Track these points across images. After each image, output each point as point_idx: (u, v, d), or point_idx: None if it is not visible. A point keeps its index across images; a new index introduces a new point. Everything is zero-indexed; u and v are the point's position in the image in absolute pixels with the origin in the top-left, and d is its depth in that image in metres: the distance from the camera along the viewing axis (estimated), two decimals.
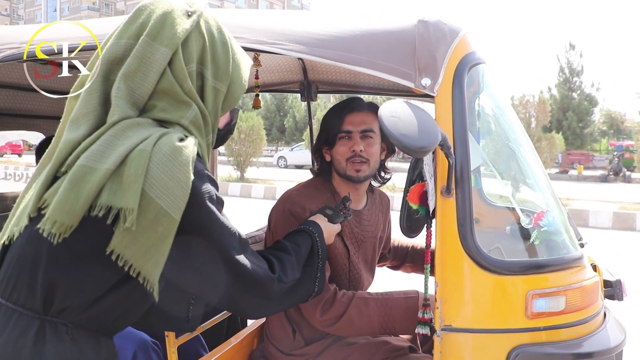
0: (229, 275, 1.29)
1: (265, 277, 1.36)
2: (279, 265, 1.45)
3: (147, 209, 1.11)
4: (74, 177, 1.13)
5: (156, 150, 1.14)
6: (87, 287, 1.18)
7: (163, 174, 1.13)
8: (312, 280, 1.59)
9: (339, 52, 1.59)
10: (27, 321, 1.18)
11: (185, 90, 1.26)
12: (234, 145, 18.12)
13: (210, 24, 1.33)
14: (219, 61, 1.32)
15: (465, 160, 1.55)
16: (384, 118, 1.36)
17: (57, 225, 1.11)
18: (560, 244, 1.82)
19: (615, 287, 1.97)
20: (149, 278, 1.15)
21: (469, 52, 1.61)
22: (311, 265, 1.60)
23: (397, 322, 1.87)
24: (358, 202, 2.14)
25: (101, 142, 1.16)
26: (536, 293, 1.56)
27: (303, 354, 2.04)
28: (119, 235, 1.12)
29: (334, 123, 2.04)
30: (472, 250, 1.54)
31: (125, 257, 1.13)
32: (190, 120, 1.27)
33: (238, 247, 1.30)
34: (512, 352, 1.54)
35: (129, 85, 1.22)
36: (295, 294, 1.54)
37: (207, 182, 1.24)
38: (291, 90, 3.05)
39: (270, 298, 1.41)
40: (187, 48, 1.27)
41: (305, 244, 1.61)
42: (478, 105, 1.93)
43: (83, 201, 1.11)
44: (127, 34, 1.27)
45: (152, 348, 2.17)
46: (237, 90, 1.37)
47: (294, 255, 1.53)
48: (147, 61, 1.23)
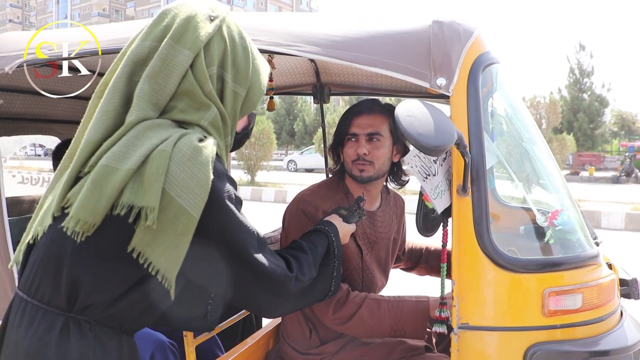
0: (248, 274, 1.31)
1: (283, 275, 1.38)
2: (297, 264, 1.46)
3: (168, 207, 1.14)
4: (97, 176, 1.15)
5: (176, 150, 1.17)
6: (110, 284, 1.21)
7: (183, 174, 1.15)
8: (329, 279, 1.61)
9: (354, 53, 1.60)
10: (52, 318, 1.21)
11: (206, 92, 1.29)
12: (244, 149, 18.18)
13: (232, 29, 1.35)
14: (239, 65, 1.35)
15: (481, 159, 1.56)
16: (400, 118, 1.38)
17: (80, 223, 1.14)
18: (575, 242, 1.82)
19: (632, 285, 1.97)
20: (167, 276, 1.18)
21: (484, 52, 1.62)
22: (327, 265, 1.61)
23: (407, 325, 1.88)
24: (371, 203, 2.15)
25: (122, 142, 1.19)
26: (553, 291, 1.56)
27: (319, 353, 2.05)
28: (140, 233, 1.14)
29: (343, 125, 2.07)
30: (489, 249, 1.54)
31: (146, 254, 1.15)
32: (209, 121, 1.29)
33: (257, 245, 1.32)
34: (529, 350, 1.54)
35: (152, 86, 1.25)
36: (312, 293, 1.56)
37: (226, 181, 1.26)
38: (304, 92, 3.06)
39: (287, 296, 1.43)
40: (209, 51, 1.29)
41: (321, 243, 1.62)
42: (492, 105, 1.93)
43: (105, 200, 1.14)
44: (152, 36, 1.29)
45: (169, 349, 2.20)
46: (255, 95, 1.40)
47: (310, 254, 1.54)
48: (170, 63, 1.25)
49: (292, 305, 1.54)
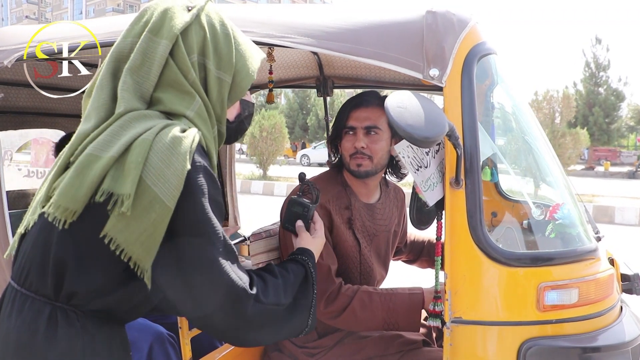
0: (206, 277, 1.20)
1: (241, 290, 1.23)
2: (261, 284, 1.31)
3: (143, 195, 1.13)
4: (80, 164, 1.17)
5: (157, 140, 1.17)
6: (94, 272, 1.21)
7: (161, 162, 1.15)
8: (306, 313, 1.44)
9: (348, 44, 1.59)
10: (39, 307, 1.22)
11: (190, 81, 1.29)
12: (257, 144, 18.23)
13: (211, 17, 1.36)
14: (221, 52, 1.34)
15: (475, 151, 1.54)
16: (390, 108, 1.36)
17: (60, 210, 1.15)
18: (575, 236, 1.79)
19: (634, 281, 1.94)
20: (139, 263, 1.16)
21: (479, 42, 1.60)
22: (305, 298, 1.45)
23: (400, 317, 1.86)
24: (369, 195, 2.14)
25: (108, 132, 1.20)
26: (548, 285, 1.53)
27: (316, 346, 2.05)
28: (114, 219, 1.14)
29: (341, 118, 2.05)
30: (482, 242, 1.52)
31: (118, 241, 1.14)
32: (195, 112, 1.29)
33: (223, 251, 1.22)
34: (524, 345, 1.52)
35: (134, 79, 1.26)
36: (286, 325, 1.39)
37: (203, 175, 1.22)
38: (307, 85, 3.05)
39: (244, 319, 1.25)
40: (187, 39, 1.30)
41: (295, 272, 1.47)
42: (491, 97, 1.91)
43: (87, 187, 1.14)
44: (132, 32, 1.32)
45: (168, 340, 2.21)
46: (243, 81, 1.39)
47: (280, 278, 1.39)
48: (150, 55, 1.27)
49: (258, 332, 1.32)
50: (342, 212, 2.02)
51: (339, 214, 2.01)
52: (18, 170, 5.99)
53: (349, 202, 2.05)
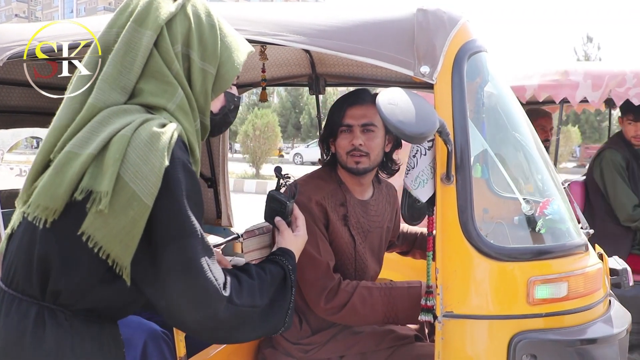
0: (180, 274, 1.18)
1: (214, 292, 1.21)
2: (235, 285, 1.28)
3: (121, 192, 1.12)
4: (59, 162, 1.16)
5: (136, 136, 1.16)
6: (78, 270, 1.20)
7: (139, 159, 1.14)
8: (283, 314, 1.43)
9: (340, 42, 1.60)
10: (26, 307, 1.22)
11: (173, 72, 1.28)
12: (250, 142, 18.21)
13: (197, 8, 1.35)
14: (206, 43, 1.33)
15: (465, 147, 1.56)
16: (381, 105, 1.38)
17: (40, 209, 1.15)
18: (564, 231, 1.82)
19: (622, 275, 1.97)
20: (118, 261, 1.15)
21: (469, 40, 1.62)
22: (283, 300, 1.44)
23: (400, 311, 1.89)
24: (363, 192, 2.16)
25: (87, 128, 1.19)
26: (537, 279, 1.56)
27: (310, 342, 2.06)
28: (91, 217, 1.13)
29: (336, 116, 2.06)
30: (473, 237, 1.55)
31: (96, 238, 1.13)
32: (177, 104, 1.28)
33: (200, 249, 1.21)
34: (514, 338, 1.55)
35: (117, 68, 1.25)
36: (262, 326, 1.38)
37: (181, 171, 1.20)
38: (300, 83, 3.06)
39: (217, 320, 1.23)
40: (172, 30, 1.29)
41: (272, 273, 1.44)
42: (479, 94, 1.93)
43: (66, 185, 1.14)
44: (118, 23, 1.31)
45: (162, 338, 2.21)
46: (228, 73, 1.37)
47: (257, 280, 1.37)
48: (134, 46, 1.26)
49: (226, 333, 1.29)
50: (337, 208, 2.04)
51: (335, 210, 2.03)
52: (10, 170, 5.96)
53: (344, 199, 2.07)
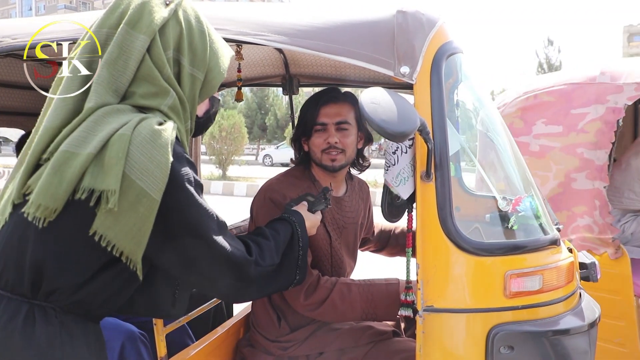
0: (206, 256, 1.30)
1: (242, 258, 1.36)
2: (257, 249, 1.45)
3: (128, 190, 1.15)
4: (57, 162, 1.16)
5: (136, 134, 1.18)
6: (75, 269, 1.22)
7: (143, 156, 1.16)
8: (293, 268, 1.60)
9: (321, 42, 1.62)
10: (16, 306, 1.21)
11: (165, 76, 1.30)
12: (216, 144, 18.06)
13: (188, 13, 1.37)
14: (196, 49, 1.36)
15: (444, 145, 1.60)
16: (364, 105, 1.40)
17: (41, 209, 1.15)
18: (537, 227, 1.87)
19: (590, 269, 2.04)
20: (131, 257, 1.19)
21: (447, 41, 1.66)
22: (292, 254, 1.61)
23: (378, 308, 1.92)
24: (337, 189, 2.20)
25: (82, 128, 1.20)
26: (514, 273, 1.61)
27: (289, 340, 2.08)
28: (102, 216, 1.15)
29: (309, 115, 2.09)
30: (452, 233, 1.59)
31: (108, 237, 1.16)
32: (169, 106, 1.30)
33: (216, 228, 1.31)
34: (492, 330, 1.59)
35: (110, 72, 1.26)
36: (277, 281, 1.55)
37: (185, 164, 1.27)
38: (273, 84, 3.07)
39: (248, 281, 1.40)
40: (164, 35, 1.31)
41: (284, 231, 1.62)
42: (457, 94, 1.98)
43: (66, 185, 1.15)
44: (108, 23, 1.31)
45: (139, 339, 2.19)
46: (215, 78, 1.41)
47: (272, 240, 1.53)
48: (127, 49, 1.27)
49: (255, 291, 1.51)
50: None
51: None
52: None
53: None
